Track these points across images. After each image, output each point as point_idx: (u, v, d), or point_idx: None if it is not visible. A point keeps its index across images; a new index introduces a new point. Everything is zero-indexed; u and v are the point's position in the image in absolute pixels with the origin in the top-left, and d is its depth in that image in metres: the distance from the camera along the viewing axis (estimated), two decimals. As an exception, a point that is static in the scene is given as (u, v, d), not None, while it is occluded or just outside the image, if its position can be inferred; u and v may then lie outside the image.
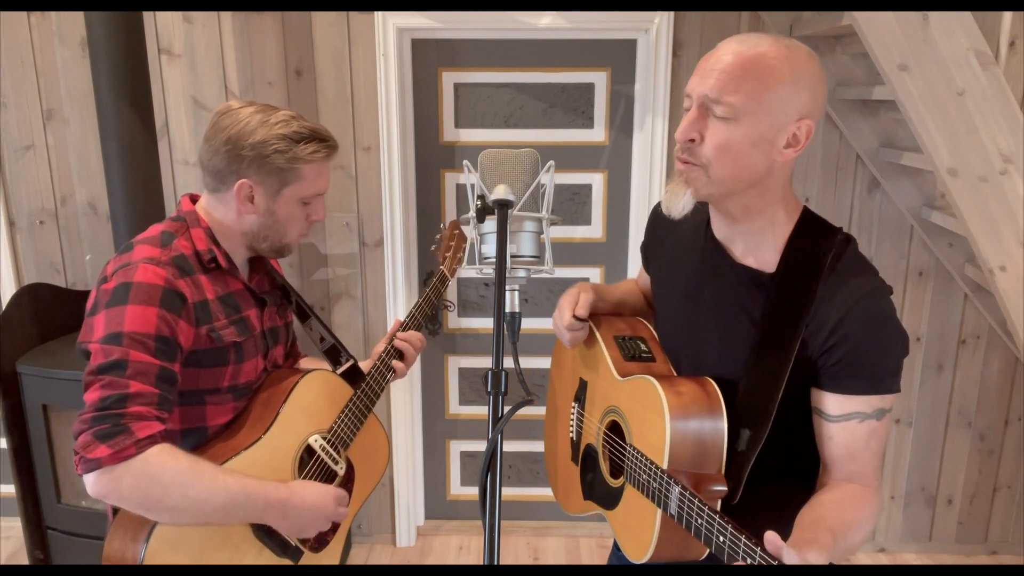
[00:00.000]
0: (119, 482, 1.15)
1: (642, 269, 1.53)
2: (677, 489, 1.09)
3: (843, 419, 1.12)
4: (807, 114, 1.09)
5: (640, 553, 1.19)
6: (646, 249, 1.47)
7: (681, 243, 1.32)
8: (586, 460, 1.41)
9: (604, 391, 1.36)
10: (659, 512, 1.15)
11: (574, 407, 1.46)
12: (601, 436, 1.36)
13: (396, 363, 1.60)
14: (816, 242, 1.15)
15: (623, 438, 1.29)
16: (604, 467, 1.35)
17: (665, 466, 1.13)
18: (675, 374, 1.31)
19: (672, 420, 1.13)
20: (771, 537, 0.93)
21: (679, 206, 1.13)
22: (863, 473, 1.14)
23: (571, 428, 1.47)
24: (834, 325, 1.09)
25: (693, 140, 1.09)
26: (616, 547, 1.52)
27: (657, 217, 1.42)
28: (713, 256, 1.24)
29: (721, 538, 1.00)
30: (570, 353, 1.52)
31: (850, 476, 1.14)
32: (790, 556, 0.92)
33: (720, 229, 1.23)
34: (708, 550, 1.15)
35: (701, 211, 1.27)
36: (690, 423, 1.14)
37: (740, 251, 1.21)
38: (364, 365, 1.59)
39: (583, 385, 1.44)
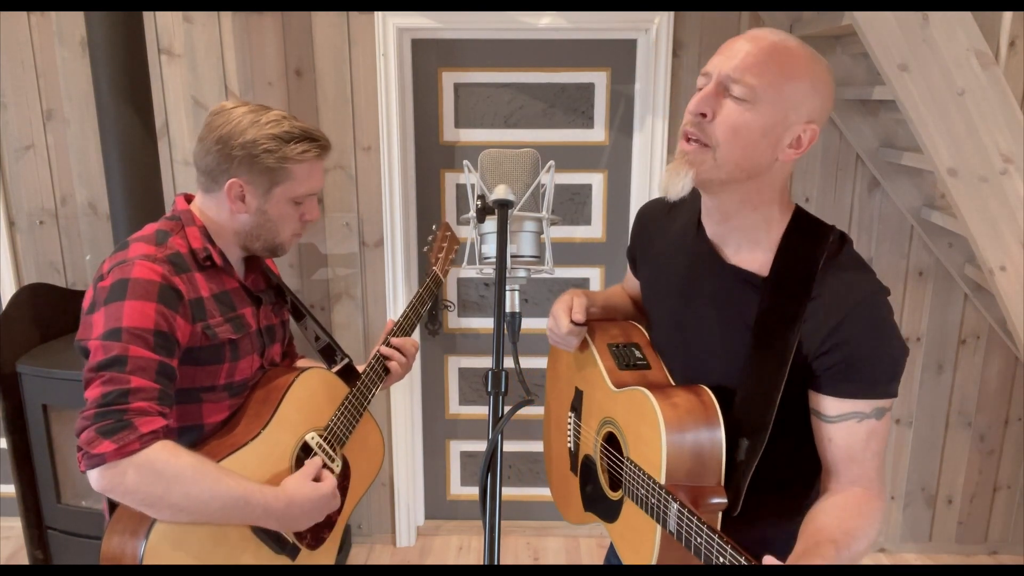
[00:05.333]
0: (123, 477, 1.15)
1: (628, 274, 1.51)
2: (676, 506, 1.06)
3: (841, 419, 1.10)
4: (815, 119, 1.08)
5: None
6: (633, 252, 1.44)
7: (672, 244, 1.30)
8: (585, 471, 1.39)
9: (600, 402, 1.35)
10: (659, 528, 1.12)
11: (571, 417, 1.45)
12: (599, 448, 1.34)
13: (391, 363, 1.60)
14: (810, 242, 1.12)
15: (620, 450, 1.27)
16: (603, 479, 1.33)
17: (663, 481, 1.11)
18: (671, 380, 1.28)
19: (668, 433, 1.11)
20: (769, 560, 0.92)
21: (678, 187, 1.08)
22: (865, 475, 1.11)
23: (569, 438, 1.46)
24: (831, 328, 1.07)
25: (704, 115, 1.06)
26: (614, 548, 1.51)
27: (645, 219, 1.40)
28: (705, 256, 1.21)
29: (721, 559, 0.97)
30: (565, 362, 1.49)
31: (852, 480, 1.11)
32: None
33: (712, 228, 1.20)
34: None
35: (692, 210, 1.25)
36: (687, 436, 1.11)
37: (732, 251, 1.18)
38: (361, 367, 1.59)
39: (579, 395, 1.43)
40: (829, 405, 1.10)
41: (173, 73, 2.55)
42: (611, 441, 1.31)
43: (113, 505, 1.29)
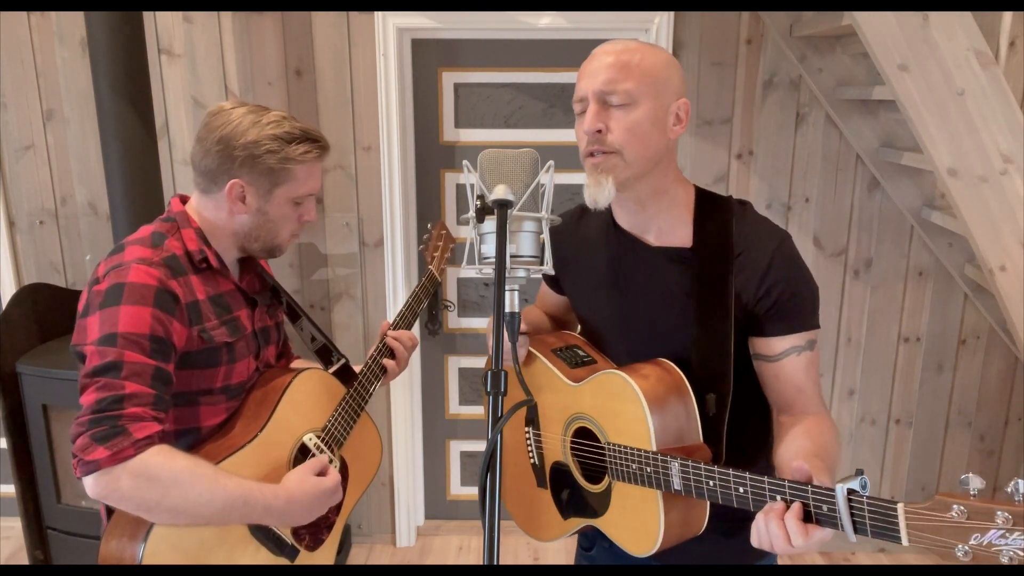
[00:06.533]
0: (118, 483, 1.15)
1: (542, 293, 1.61)
2: (677, 463, 1.13)
3: (783, 356, 1.22)
4: (681, 93, 1.22)
5: (649, 544, 1.19)
6: (553, 270, 1.50)
7: (591, 248, 1.37)
8: (556, 479, 1.40)
9: (560, 403, 1.37)
10: (660, 495, 1.17)
11: (528, 432, 1.46)
12: (568, 447, 1.36)
13: (388, 362, 1.59)
14: (719, 209, 1.26)
15: (595, 441, 1.29)
16: (579, 477, 1.34)
17: (654, 448, 1.17)
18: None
19: (648, 402, 1.18)
20: (797, 465, 1.01)
21: (604, 194, 1.20)
22: (812, 402, 1.23)
23: (530, 453, 1.46)
24: (762, 275, 1.20)
25: (600, 131, 1.18)
26: (582, 548, 1.51)
27: (558, 236, 1.46)
28: (629, 247, 1.30)
29: (741, 489, 1.05)
30: (508, 383, 1.52)
31: (803, 409, 1.22)
32: (816, 480, 0.99)
33: (629, 221, 1.30)
34: (705, 521, 1.21)
35: (601, 215, 1.34)
36: (663, 401, 1.19)
37: (654, 236, 1.28)
38: (358, 368, 1.59)
39: (532, 407, 1.45)
40: (773, 345, 1.22)
41: (173, 73, 2.55)
42: (581, 437, 1.33)
43: (110, 508, 1.28)
